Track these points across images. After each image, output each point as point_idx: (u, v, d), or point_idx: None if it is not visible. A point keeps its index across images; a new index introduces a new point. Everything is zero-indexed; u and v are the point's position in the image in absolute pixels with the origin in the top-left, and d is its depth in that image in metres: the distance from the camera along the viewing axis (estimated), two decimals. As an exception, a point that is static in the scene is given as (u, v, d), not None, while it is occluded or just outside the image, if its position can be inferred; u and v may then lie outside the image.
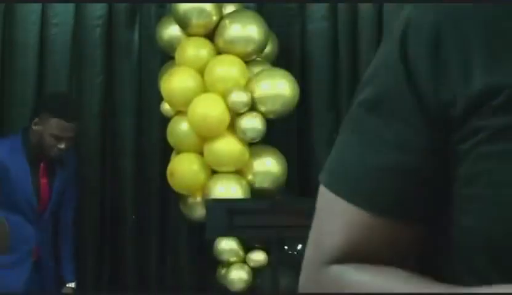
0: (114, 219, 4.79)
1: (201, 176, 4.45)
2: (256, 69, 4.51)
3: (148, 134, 4.84)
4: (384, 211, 1.03)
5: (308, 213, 1.13)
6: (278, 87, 4.42)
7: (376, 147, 1.03)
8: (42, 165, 4.26)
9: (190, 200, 4.54)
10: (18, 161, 4.19)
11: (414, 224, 1.04)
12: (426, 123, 1.01)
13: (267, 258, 4.39)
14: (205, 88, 4.45)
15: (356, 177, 1.04)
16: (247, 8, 4.69)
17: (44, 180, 4.30)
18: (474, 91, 0.98)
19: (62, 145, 4.20)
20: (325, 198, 1.07)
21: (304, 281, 1.10)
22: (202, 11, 4.46)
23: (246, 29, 4.45)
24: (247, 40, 4.46)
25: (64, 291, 4.36)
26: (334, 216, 1.06)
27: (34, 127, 4.18)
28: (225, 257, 4.42)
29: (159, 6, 4.83)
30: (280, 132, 4.58)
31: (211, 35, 4.53)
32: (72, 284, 4.40)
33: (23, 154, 4.21)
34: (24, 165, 4.21)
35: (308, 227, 1.10)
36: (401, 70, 1.02)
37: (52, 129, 4.17)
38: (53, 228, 4.38)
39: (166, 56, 4.70)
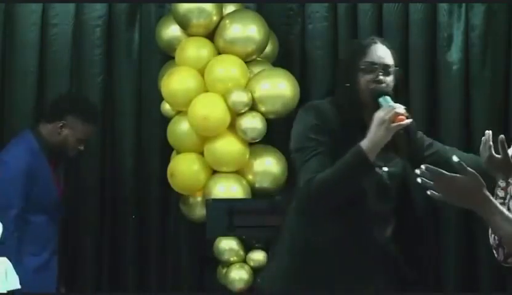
0: (114, 219, 4.79)
1: (201, 176, 4.45)
2: (256, 69, 4.51)
3: (148, 134, 4.83)
4: None
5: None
6: (278, 87, 4.42)
7: None
8: (52, 165, 4.26)
9: (190, 200, 4.54)
10: (41, 163, 4.19)
11: None
12: None
13: (267, 258, 4.39)
14: (205, 88, 4.45)
15: None
16: (247, 8, 4.70)
17: (56, 180, 4.30)
18: None
19: (82, 147, 4.27)
20: None
21: None
22: (202, 11, 4.46)
23: (246, 29, 4.45)
24: (247, 40, 4.46)
25: None
26: None
27: (60, 130, 4.19)
28: (225, 257, 4.42)
29: (159, 6, 4.83)
30: (280, 132, 4.57)
31: (211, 35, 4.53)
32: None
33: (43, 156, 4.20)
34: (47, 166, 4.22)
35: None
36: None
37: (79, 133, 4.22)
38: None
39: (166, 56, 4.70)
